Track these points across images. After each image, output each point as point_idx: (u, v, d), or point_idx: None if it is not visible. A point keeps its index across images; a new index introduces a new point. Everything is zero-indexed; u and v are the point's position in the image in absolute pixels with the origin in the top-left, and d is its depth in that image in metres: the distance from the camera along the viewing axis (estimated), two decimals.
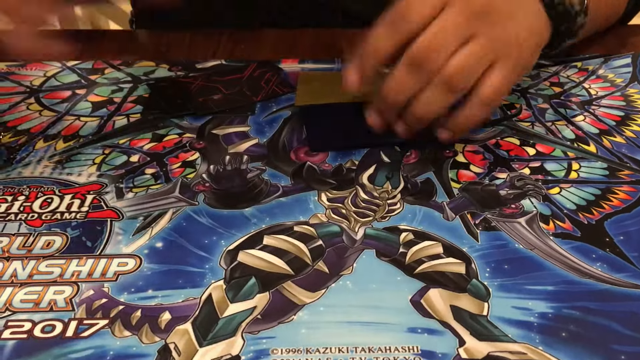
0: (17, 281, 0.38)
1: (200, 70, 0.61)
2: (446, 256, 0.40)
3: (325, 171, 0.48)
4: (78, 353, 0.34)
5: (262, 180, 0.47)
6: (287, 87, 0.58)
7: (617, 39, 0.66)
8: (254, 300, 0.37)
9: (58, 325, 0.36)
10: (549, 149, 0.50)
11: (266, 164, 0.48)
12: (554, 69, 0.61)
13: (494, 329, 0.35)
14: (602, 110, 0.55)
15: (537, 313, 0.36)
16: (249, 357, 0.34)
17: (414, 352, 0.34)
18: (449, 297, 0.37)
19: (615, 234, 0.41)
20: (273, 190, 0.46)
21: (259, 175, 0.47)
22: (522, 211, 0.43)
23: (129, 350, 0.34)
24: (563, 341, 0.35)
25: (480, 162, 0.48)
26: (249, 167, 0.48)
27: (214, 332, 0.35)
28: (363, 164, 0.48)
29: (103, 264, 0.40)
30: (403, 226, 0.42)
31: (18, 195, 0.45)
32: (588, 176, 0.47)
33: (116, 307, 0.37)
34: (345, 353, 0.34)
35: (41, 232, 0.42)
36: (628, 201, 0.44)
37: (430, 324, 0.35)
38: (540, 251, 0.40)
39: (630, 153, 0.49)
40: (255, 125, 0.53)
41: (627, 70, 0.60)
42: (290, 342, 0.35)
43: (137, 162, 0.48)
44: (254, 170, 0.48)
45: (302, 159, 0.49)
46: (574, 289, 0.38)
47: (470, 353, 0.34)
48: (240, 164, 0.48)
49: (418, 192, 0.45)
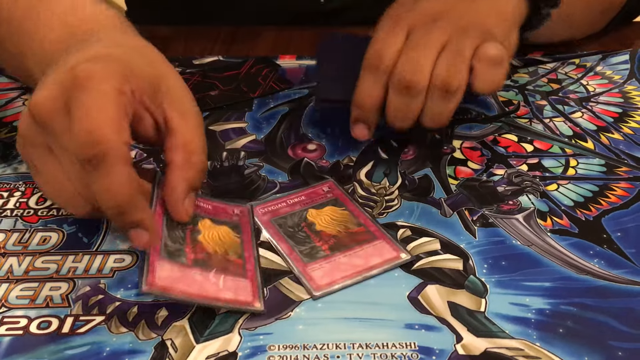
0: (13, 277, 0.38)
1: (198, 66, 0.61)
2: (444, 252, 0.40)
3: (323, 167, 0.47)
4: (74, 349, 0.34)
5: (260, 177, 0.47)
6: (284, 84, 0.58)
7: (615, 36, 0.66)
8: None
9: (54, 321, 0.36)
10: (547, 145, 0.50)
11: (263, 160, 0.48)
12: (552, 66, 0.61)
13: (491, 325, 0.35)
14: (600, 107, 0.55)
15: (535, 309, 0.36)
16: (245, 353, 0.34)
17: (412, 348, 0.34)
18: (447, 293, 0.37)
19: (613, 231, 0.41)
20: (270, 187, 0.45)
21: (256, 172, 0.47)
22: (519, 207, 0.43)
23: (126, 347, 0.34)
24: (560, 337, 0.35)
25: (478, 159, 0.48)
26: (246, 164, 0.48)
27: (210, 328, 0.35)
28: (360, 161, 0.48)
29: (99, 260, 0.39)
30: (401, 222, 0.42)
31: (14, 191, 0.45)
32: (586, 173, 0.47)
33: (113, 304, 0.37)
34: (342, 349, 0.34)
35: (37, 228, 0.42)
36: (625, 198, 0.44)
37: (428, 320, 0.35)
38: (538, 247, 0.40)
39: (628, 150, 0.49)
40: (253, 121, 0.53)
41: (625, 67, 0.60)
42: (287, 339, 0.34)
43: (135, 158, 0.48)
44: (251, 167, 0.48)
45: (300, 155, 0.49)
46: (571, 285, 0.38)
47: (468, 349, 0.34)
48: (237, 160, 0.48)
49: (416, 189, 0.45)
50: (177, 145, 0.37)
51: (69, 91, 0.34)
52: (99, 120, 0.33)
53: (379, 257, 0.38)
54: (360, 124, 0.46)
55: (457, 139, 0.51)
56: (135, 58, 0.39)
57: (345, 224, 0.41)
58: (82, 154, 0.33)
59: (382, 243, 0.39)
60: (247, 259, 0.38)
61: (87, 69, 0.35)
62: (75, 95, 0.34)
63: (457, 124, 0.52)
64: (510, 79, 0.59)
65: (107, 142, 0.33)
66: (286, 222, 0.41)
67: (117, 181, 0.34)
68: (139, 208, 0.35)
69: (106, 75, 0.35)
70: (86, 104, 0.34)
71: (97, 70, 0.35)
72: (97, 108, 0.34)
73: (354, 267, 0.38)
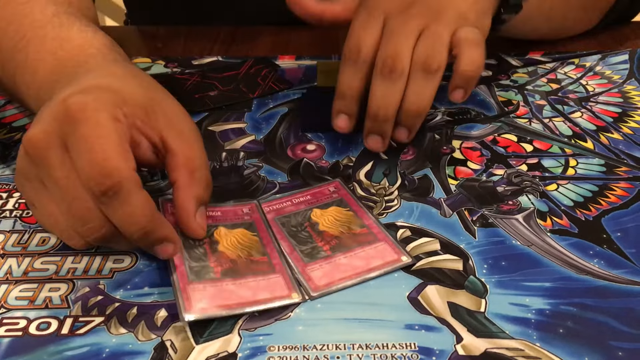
0: (12, 278, 0.38)
1: (197, 66, 0.61)
2: (443, 253, 0.40)
3: (322, 168, 0.47)
4: (74, 350, 0.34)
5: (259, 177, 0.47)
6: (283, 84, 0.58)
7: (614, 36, 0.66)
8: None
9: (53, 322, 0.36)
10: (547, 145, 0.50)
11: (263, 161, 0.48)
12: (551, 66, 0.60)
13: (491, 326, 0.35)
14: (600, 106, 0.55)
15: (535, 309, 0.36)
16: (245, 354, 0.34)
17: (412, 348, 0.34)
18: (447, 293, 0.37)
19: (613, 231, 0.41)
20: (270, 187, 0.45)
21: (255, 172, 0.47)
22: (519, 208, 0.43)
23: (125, 348, 0.34)
24: (560, 337, 0.34)
25: (477, 159, 0.48)
26: (245, 164, 0.48)
27: (210, 329, 0.35)
28: (360, 161, 0.48)
29: (99, 261, 0.39)
30: (400, 223, 0.42)
31: (13, 192, 0.45)
32: (585, 173, 0.47)
33: (112, 304, 0.36)
34: (342, 350, 0.34)
35: (36, 229, 0.42)
36: (625, 197, 0.44)
37: (428, 321, 0.35)
38: (538, 248, 0.40)
39: (628, 149, 0.49)
40: (252, 121, 0.53)
41: (624, 67, 0.60)
42: (287, 339, 0.34)
43: None
44: (250, 167, 0.47)
45: (299, 155, 0.49)
46: (571, 285, 0.38)
47: (468, 349, 0.34)
48: (236, 161, 0.48)
49: (415, 189, 0.45)
50: (178, 165, 0.38)
51: (64, 125, 0.35)
52: (105, 152, 0.34)
53: (380, 259, 0.38)
54: (342, 115, 0.47)
55: (457, 139, 0.51)
56: (125, 85, 0.39)
57: (348, 225, 0.41)
58: (96, 188, 0.34)
59: (384, 245, 0.39)
60: (271, 254, 0.39)
61: (78, 101, 0.35)
62: (72, 129, 0.34)
63: (457, 124, 0.52)
64: (509, 79, 0.59)
65: (119, 172, 0.34)
66: (290, 221, 0.41)
67: (138, 206, 0.34)
68: (162, 225, 0.36)
69: (98, 106, 0.35)
70: (86, 137, 0.34)
71: (89, 102, 0.35)
72: (99, 139, 0.34)
73: (353, 268, 0.38)
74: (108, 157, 0.34)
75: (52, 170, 0.35)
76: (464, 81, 0.45)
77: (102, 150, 0.34)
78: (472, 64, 0.44)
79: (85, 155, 0.34)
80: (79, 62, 0.42)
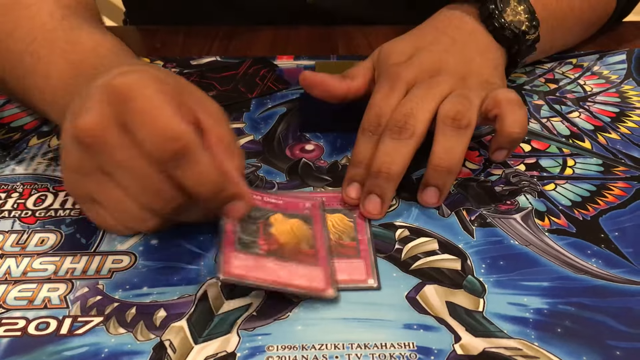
0: (11, 278, 0.38)
1: (195, 66, 0.61)
2: (442, 252, 0.40)
3: (321, 168, 0.48)
4: (72, 350, 0.34)
5: (258, 177, 0.47)
6: (282, 84, 0.58)
7: (612, 36, 0.66)
8: (250, 297, 0.37)
9: (52, 322, 0.36)
10: (544, 145, 0.50)
11: (261, 161, 0.48)
12: (549, 66, 0.61)
13: (489, 325, 0.35)
14: (597, 106, 0.55)
15: (533, 309, 0.36)
16: (244, 354, 0.34)
17: (410, 348, 0.34)
18: (445, 293, 0.37)
19: (610, 230, 0.42)
20: (268, 187, 0.45)
21: (254, 172, 0.47)
22: (517, 207, 0.43)
23: (124, 348, 0.34)
24: (558, 337, 0.35)
25: (475, 159, 0.48)
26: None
27: (209, 329, 0.35)
28: None
29: (97, 261, 0.39)
30: (399, 222, 0.42)
31: (12, 192, 0.45)
32: (583, 172, 0.47)
33: (111, 305, 0.37)
34: (340, 349, 0.34)
35: (35, 229, 0.42)
36: (623, 197, 0.44)
37: (426, 320, 0.35)
38: (536, 247, 0.40)
39: (625, 149, 0.49)
40: (250, 121, 0.53)
41: (622, 67, 0.60)
42: (285, 339, 0.34)
43: None
44: (249, 167, 0.48)
45: (298, 155, 0.49)
46: (569, 284, 0.38)
47: (466, 349, 0.34)
48: None
49: (414, 189, 0.45)
50: (214, 142, 0.38)
51: (116, 105, 0.34)
52: (166, 118, 0.34)
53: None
54: (354, 183, 0.44)
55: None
56: (154, 71, 0.39)
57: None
58: (165, 155, 0.34)
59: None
60: (319, 249, 0.39)
61: (124, 81, 0.35)
62: (126, 108, 0.34)
63: None
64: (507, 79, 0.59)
65: (184, 134, 0.34)
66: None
67: (207, 164, 0.35)
68: (233, 181, 0.37)
69: (145, 82, 0.35)
70: (142, 109, 0.34)
71: (134, 80, 0.35)
72: (155, 109, 0.34)
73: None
74: (169, 122, 0.33)
75: (116, 153, 0.35)
76: (509, 142, 0.43)
77: (162, 117, 0.34)
78: (518, 125, 0.43)
79: (147, 126, 0.33)
80: (94, 65, 0.42)
